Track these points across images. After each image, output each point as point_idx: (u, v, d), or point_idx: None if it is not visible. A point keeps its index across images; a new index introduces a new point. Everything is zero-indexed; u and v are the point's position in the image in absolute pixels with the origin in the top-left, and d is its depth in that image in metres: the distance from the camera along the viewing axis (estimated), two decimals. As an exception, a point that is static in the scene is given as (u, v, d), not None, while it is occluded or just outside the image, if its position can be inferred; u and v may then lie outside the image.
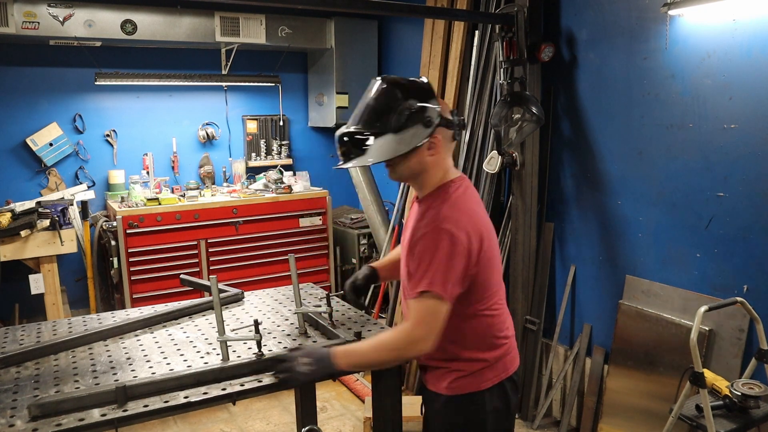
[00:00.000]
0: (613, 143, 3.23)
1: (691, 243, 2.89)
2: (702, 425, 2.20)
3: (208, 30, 4.40)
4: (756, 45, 2.54)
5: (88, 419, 1.61)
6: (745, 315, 2.54)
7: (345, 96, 5.01)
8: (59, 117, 4.46)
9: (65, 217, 3.92)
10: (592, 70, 3.30)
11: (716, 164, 2.75)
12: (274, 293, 2.76)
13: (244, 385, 1.82)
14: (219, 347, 1.96)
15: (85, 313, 4.30)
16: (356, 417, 3.70)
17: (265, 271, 4.51)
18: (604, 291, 3.35)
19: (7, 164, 4.35)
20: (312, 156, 5.50)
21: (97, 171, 4.63)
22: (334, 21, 4.86)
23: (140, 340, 2.20)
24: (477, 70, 3.77)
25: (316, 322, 2.25)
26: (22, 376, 1.90)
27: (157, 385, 1.75)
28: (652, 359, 3.00)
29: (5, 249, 3.71)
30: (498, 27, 3.35)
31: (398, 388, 2.13)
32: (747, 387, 2.21)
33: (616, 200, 3.24)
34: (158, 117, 4.83)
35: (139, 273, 4.10)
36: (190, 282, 2.73)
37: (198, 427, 3.62)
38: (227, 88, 5.01)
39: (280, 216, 4.57)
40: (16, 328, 2.33)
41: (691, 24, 2.78)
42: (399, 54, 5.02)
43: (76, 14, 4.00)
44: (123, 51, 4.60)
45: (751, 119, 2.59)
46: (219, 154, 5.07)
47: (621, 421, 3.16)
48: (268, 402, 3.85)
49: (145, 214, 4.10)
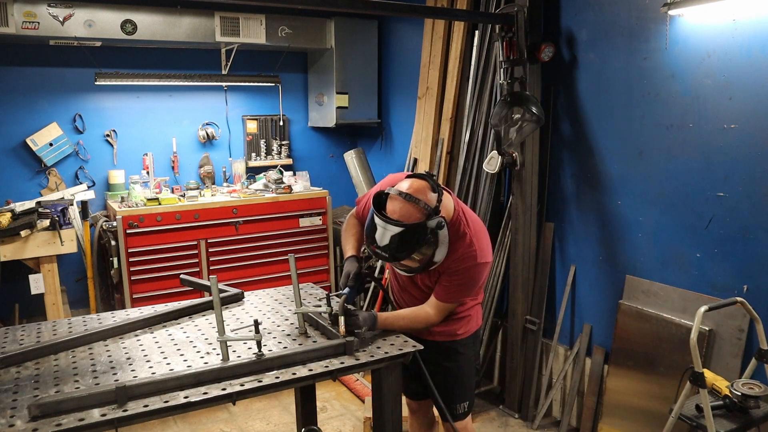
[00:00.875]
0: (613, 143, 3.23)
1: (691, 243, 2.89)
2: (702, 425, 2.20)
3: (208, 30, 4.40)
4: (756, 45, 2.54)
5: (88, 419, 1.61)
6: (745, 315, 2.55)
7: (345, 96, 5.01)
8: (59, 117, 4.46)
9: (65, 217, 3.92)
10: (592, 70, 3.30)
11: (716, 164, 2.75)
12: (274, 293, 2.76)
13: (244, 385, 1.82)
14: (219, 347, 1.96)
15: (85, 313, 4.30)
16: (356, 417, 3.70)
17: (265, 271, 4.51)
18: (604, 291, 3.35)
19: (7, 164, 4.35)
20: (312, 156, 5.50)
21: (97, 171, 4.63)
22: (334, 21, 4.86)
23: (140, 340, 2.20)
24: (477, 70, 3.77)
25: (316, 322, 2.25)
26: (22, 376, 1.90)
27: (157, 385, 1.75)
28: (652, 359, 3.00)
29: (5, 249, 3.71)
30: (498, 27, 3.35)
31: (398, 388, 2.13)
32: (747, 387, 2.21)
33: (616, 200, 3.24)
34: (158, 117, 4.82)
35: (139, 273, 4.10)
36: (190, 282, 2.74)
37: (198, 427, 3.62)
38: (227, 88, 5.01)
39: (280, 216, 4.57)
40: (16, 328, 2.33)
41: (691, 24, 2.78)
42: (399, 54, 5.02)
43: (76, 14, 3.99)
44: (123, 51, 4.59)
45: (751, 119, 2.59)
46: (219, 154, 5.07)
47: (621, 421, 3.16)
48: (268, 402, 3.85)
49: (145, 214, 4.10)
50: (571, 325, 3.58)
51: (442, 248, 2.11)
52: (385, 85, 5.22)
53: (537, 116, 3.20)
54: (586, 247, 3.44)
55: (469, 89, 3.85)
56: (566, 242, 3.57)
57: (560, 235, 3.60)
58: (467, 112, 3.84)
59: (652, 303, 3.05)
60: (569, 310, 3.56)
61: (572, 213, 3.51)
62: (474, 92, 3.79)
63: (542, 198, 3.60)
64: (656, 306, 3.03)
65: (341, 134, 5.57)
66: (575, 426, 3.49)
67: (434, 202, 2.08)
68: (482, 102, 3.74)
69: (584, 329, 3.47)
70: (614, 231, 3.27)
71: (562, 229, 3.58)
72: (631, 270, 3.19)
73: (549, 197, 3.62)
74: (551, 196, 3.62)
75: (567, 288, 3.53)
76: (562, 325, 3.57)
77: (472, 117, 3.81)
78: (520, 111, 3.23)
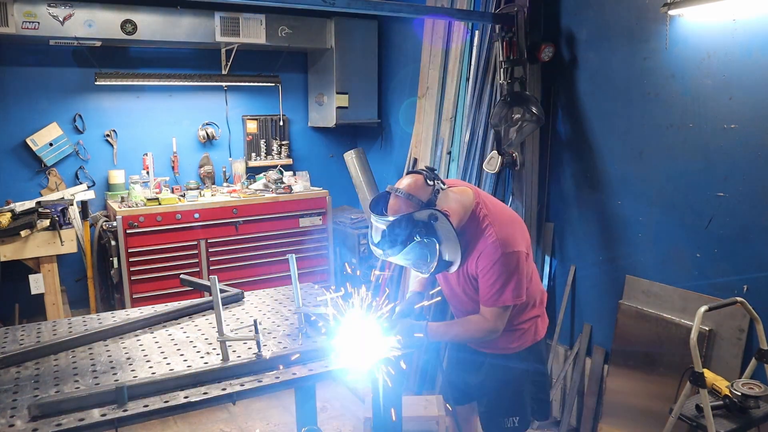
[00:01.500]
0: (613, 143, 3.23)
1: (691, 243, 2.89)
2: (702, 425, 2.20)
3: (208, 30, 4.40)
4: (756, 45, 2.54)
5: (88, 419, 1.61)
6: (745, 315, 2.54)
7: (345, 96, 5.01)
8: (59, 117, 4.46)
9: (65, 217, 3.92)
10: (592, 70, 3.30)
11: (716, 164, 2.75)
12: (274, 293, 2.76)
13: (244, 385, 1.82)
14: (219, 347, 1.96)
15: (85, 313, 4.29)
16: (356, 417, 3.70)
17: (265, 271, 4.51)
18: (604, 291, 3.35)
19: (7, 164, 4.35)
20: (312, 156, 5.50)
21: (97, 171, 4.63)
22: (334, 21, 4.86)
23: (140, 340, 2.20)
24: (477, 70, 3.77)
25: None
26: (22, 376, 1.90)
27: (157, 385, 1.76)
28: (652, 359, 3.00)
29: (5, 249, 3.71)
30: (498, 27, 3.35)
31: (398, 388, 2.13)
32: (747, 387, 2.21)
33: (616, 200, 3.24)
34: (158, 117, 4.82)
35: (139, 273, 4.10)
36: (190, 282, 2.74)
37: (198, 427, 3.62)
38: (227, 88, 5.01)
39: (280, 216, 4.57)
40: (16, 328, 2.33)
41: (691, 24, 2.78)
42: (399, 54, 5.02)
43: (76, 14, 3.99)
44: (123, 51, 4.60)
45: (751, 119, 2.59)
46: (219, 154, 5.07)
47: (621, 421, 3.16)
48: (268, 402, 3.85)
49: (145, 214, 4.10)
50: (571, 325, 3.58)
51: (450, 244, 2.05)
52: (385, 85, 5.22)
53: (537, 116, 3.20)
54: (586, 247, 3.44)
55: (469, 89, 3.85)
56: (566, 242, 3.57)
57: (560, 236, 3.60)
58: (467, 112, 3.84)
59: (652, 303, 3.05)
60: (569, 310, 3.56)
61: (572, 213, 3.51)
62: (474, 92, 3.79)
63: (542, 198, 3.60)
64: (656, 306, 3.03)
65: (341, 134, 5.57)
66: (575, 426, 3.49)
67: (427, 196, 2.04)
68: (482, 102, 3.74)
69: (584, 329, 3.47)
70: (614, 231, 3.27)
71: (562, 230, 3.58)
72: (631, 270, 3.19)
73: (549, 197, 3.62)
74: (551, 196, 3.62)
75: (567, 288, 3.53)
76: (562, 325, 3.57)
77: (472, 117, 3.81)
78: (520, 111, 3.23)
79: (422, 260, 2.09)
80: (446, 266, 2.12)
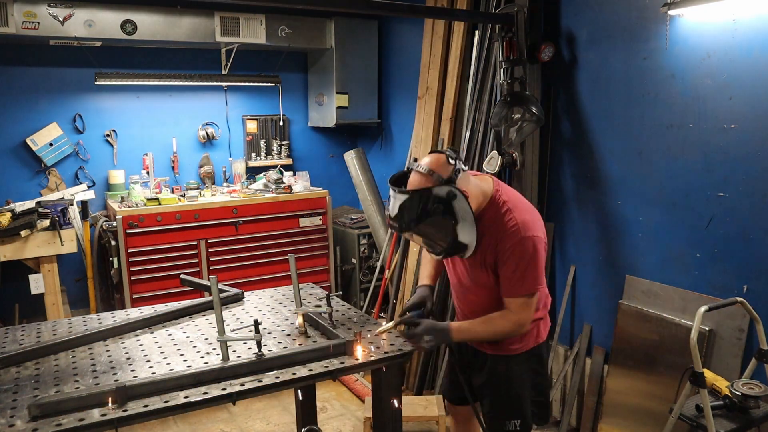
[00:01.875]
0: (613, 143, 3.23)
1: (691, 243, 2.89)
2: (702, 425, 2.20)
3: (208, 30, 4.40)
4: (756, 45, 2.54)
5: (88, 419, 1.61)
6: (745, 315, 2.54)
7: (345, 96, 5.01)
8: (59, 117, 4.46)
9: (65, 217, 3.92)
10: (592, 70, 3.30)
11: (716, 164, 2.75)
12: (274, 293, 2.76)
13: (244, 385, 1.82)
14: (219, 347, 1.96)
15: (85, 313, 4.30)
16: (356, 417, 3.70)
17: (265, 271, 4.51)
18: (604, 291, 3.35)
19: (7, 164, 4.35)
20: (312, 156, 5.50)
21: (97, 171, 4.63)
22: (334, 21, 4.86)
23: (140, 340, 2.20)
24: (477, 70, 3.77)
25: (316, 322, 2.26)
26: (22, 376, 1.90)
27: (157, 385, 1.76)
28: (652, 359, 3.00)
29: (5, 249, 3.71)
30: (498, 27, 3.35)
31: (398, 388, 2.14)
32: (747, 387, 2.21)
33: (616, 200, 3.24)
34: (158, 117, 4.83)
35: (139, 273, 4.10)
36: (190, 282, 2.74)
37: (198, 427, 3.62)
38: (227, 88, 5.01)
39: (280, 216, 4.57)
40: (16, 328, 2.33)
41: (691, 24, 2.78)
42: (399, 54, 5.02)
43: (76, 14, 3.99)
44: (123, 51, 4.60)
45: (751, 119, 2.59)
46: (219, 154, 5.07)
47: (621, 421, 3.16)
48: (268, 402, 3.85)
49: (145, 214, 4.10)
50: (571, 325, 3.58)
51: (466, 226, 2.02)
52: (385, 85, 5.22)
53: (537, 116, 3.20)
54: (586, 247, 3.44)
55: (469, 89, 3.85)
56: (566, 242, 3.57)
57: (560, 236, 3.60)
58: (467, 112, 3.84)
59: (652, 303, 3.05)
60: (569, 310, 3.56)
61: (572, 213, 3.51)
62: (474, 92, 3.79)
63: (542, 198, 3.60)
64: (656, 306, 3.03)
65: (341, 134, 5.58)
66: (575, 426, 3.49)
67: (447, 173, 2.01)
68: (482, 102, 3.74)
69: (584, 329, 3.47)
70: (614, 231, 3.27)
71: (562, 230, 3.58)
72: (631, 270, 3.19)
73: (549, 197, 3.62)
74: (551, 196, 3.62)
75: (567, 288, 3.53)
76: (562, 325, 3.57)
77: (472, 117, 3.81)
78: (520, 111, 3.23)
79: (437, 238, 2.07)
80: (461, 249, 2.08)
